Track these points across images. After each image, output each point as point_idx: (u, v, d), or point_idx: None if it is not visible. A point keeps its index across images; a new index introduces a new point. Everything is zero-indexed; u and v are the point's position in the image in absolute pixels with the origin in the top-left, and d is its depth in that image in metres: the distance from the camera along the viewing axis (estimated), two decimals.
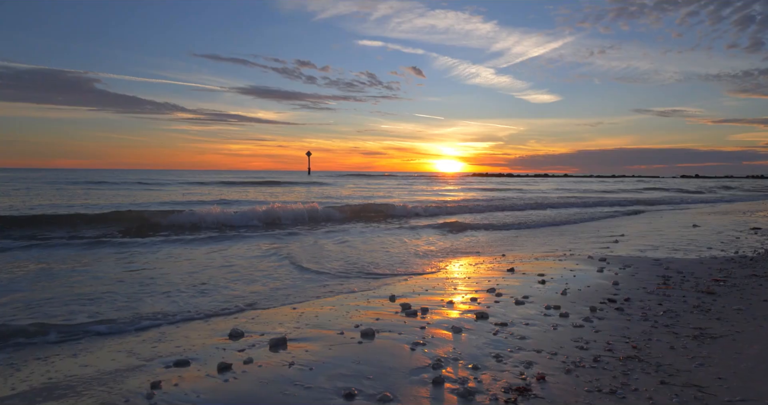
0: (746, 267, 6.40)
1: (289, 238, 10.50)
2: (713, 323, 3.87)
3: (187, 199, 20.76)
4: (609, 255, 7.70)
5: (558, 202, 22.33)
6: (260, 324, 4.35)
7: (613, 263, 6.89)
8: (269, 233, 11.30)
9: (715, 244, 8.81)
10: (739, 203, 25.50)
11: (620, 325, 3.89)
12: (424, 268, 7.19)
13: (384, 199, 24.35)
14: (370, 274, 6.84)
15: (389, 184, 49.29)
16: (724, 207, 22.44)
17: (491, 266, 7.08)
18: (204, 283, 6.16)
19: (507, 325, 3.92)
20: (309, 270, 7.07)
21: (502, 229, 12.94)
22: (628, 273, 6.11)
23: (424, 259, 8.14)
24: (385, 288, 5.76)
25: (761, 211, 18.66)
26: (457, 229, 12.57)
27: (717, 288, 5.15)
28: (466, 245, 9.90)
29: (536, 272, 6.28)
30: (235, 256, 8.33)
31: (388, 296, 5.18)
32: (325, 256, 8.41)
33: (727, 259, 7.04)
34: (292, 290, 5.84)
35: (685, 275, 5.89)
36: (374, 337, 3.71)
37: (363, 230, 12.29)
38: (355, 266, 7.40)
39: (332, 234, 11.47)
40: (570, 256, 7.69)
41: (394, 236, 11.29)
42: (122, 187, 29.51)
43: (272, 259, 7.93)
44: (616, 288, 5.24)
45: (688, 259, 7.15)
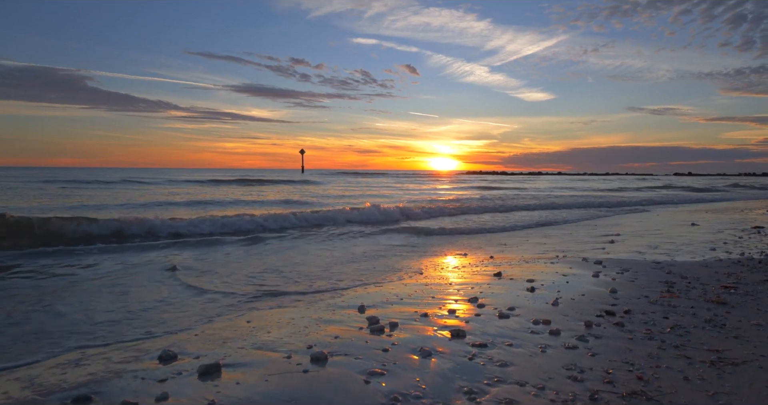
0: (756, 271, 5.81)
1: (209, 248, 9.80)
2: (731, 344, 3.25)
3: (151, 200, 18.15)
4: (605, 257, 7.08)
5: (572, 203, 20.52)
6: (202, 342, 3.69)
7: (610, 267, 6.27)
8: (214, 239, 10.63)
9: (718, 245, 8.22)
10: (735, 201, 25.04)
11: (621, 345, 3.26)
12: (403, 273, 6.54)
13: (374, 198, 23.68)
14: (339, 281, 6.20)
15: (381, 182, 48.36)
16: (721, 204, 21.95)
17: (477, 270, 6.44)
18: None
19: (486, 346, 3.28)
20: (265, 285, 6.43)
21: (492, 231, 12.33)
22: (627, 278, 5.49)
23: (404, 260, 7.49)
24: (356, 295, 5.11)
25: (759, 208, 18.16)
26: (445, 232, 11.94)
27: (728, 297, 4.54)
28: (452, 246, 9.27)
29: (525, 277, 5.65)
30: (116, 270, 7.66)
31: (358, 306, 4.53)
32: (272, 266, 7.76)
33: (733, 262, 6.44)
34: (243, 305, 5.19)
35: (690, 281, 5.28)
36: (326, 363, 3.06)
37: (342, 235, 11.64)
38: (326, 272, 6.77)
39: (289, 242, 10.81)
40: (563, 259, 7.07)
41: (370, 239, 10.66)
42: (97, 187, 27.90)
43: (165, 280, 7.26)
44: (614, 297, 4.62)
45: (691, 262, 6.54)
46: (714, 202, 24.13)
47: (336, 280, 6.04)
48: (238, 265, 7.18)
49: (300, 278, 6.20)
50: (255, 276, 6.34)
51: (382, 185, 39.08)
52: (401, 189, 32.29)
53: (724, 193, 33.04)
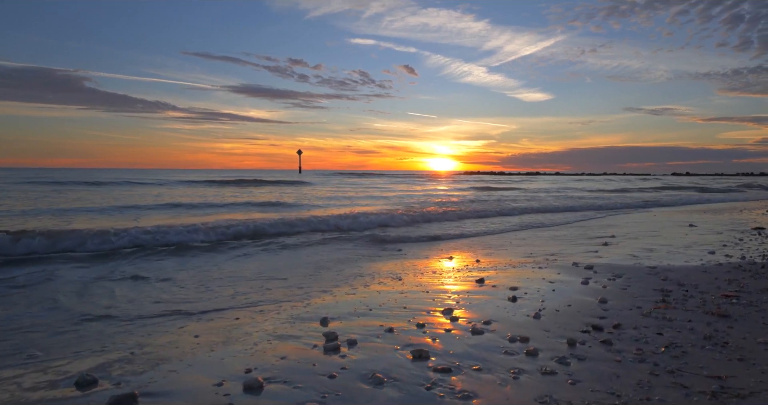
0: (759, 277, 5.35)
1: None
2: (736, 368, 2.79)
3: (124, 203, 16.14)
4: (597, 261, 6.62)
5: (573, 205, 19.08)
6: (135, 363, 3.22)
7: (601, 272, 5.81)
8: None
9: (717, 247, 7.77)
10: (735, 201, 24.59)
11: (607, 370, 2.80)
12: (382, 279, 6.07)
13: (365, 200, 23.15)
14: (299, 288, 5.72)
15: (376, 183, 47.31)
16: (720, 204, 21.51)
17: (460, 275, 5.98)
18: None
19: (451, 371, 2.81)
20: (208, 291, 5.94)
21: (483, 234, 11.87)
22: (619, 286, 5.03)
23: (385, 266, 7.02)
24: (324, 305, 4.63)
25: (758, 208, 17.72)
26: (434, 237, 11.47)
27: (730, 308, 4.08)
28: (439, 250, 8.80)
29: (509, 284, 5.19)
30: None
31: (321, 318, 4.07)
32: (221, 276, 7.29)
33: (734, 267, 5.99)
34: (192, 318, 4.72)
35: (688, 289, 4.82)
36: (259, 393, 2.59)
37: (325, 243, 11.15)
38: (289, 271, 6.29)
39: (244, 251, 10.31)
40: (552, 263, 6.60)
41: (348, 249, 10.19)
42: (79, 188, 26.63)
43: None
44: (604, 308, 4.15)
45: (688, 267, 6.08)
46: (710, 203, 23.68)
47: (302, 288, 5.57)
48: (194, 272, 6.72)
49: (257, 287, 5.73)
50: (209, 287, 5.88)
51: (376, 186, 37.83)
52: (394, 190, 30.57)
53: (740, 194, 31.45)
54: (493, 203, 19.17)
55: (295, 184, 35.97)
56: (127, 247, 8.16)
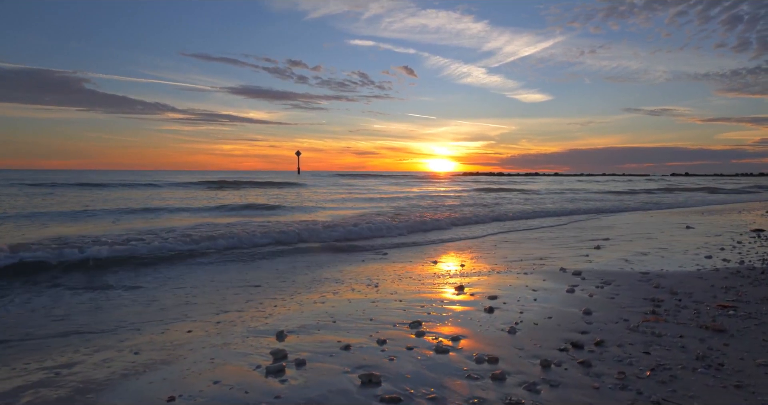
0: (759, 284, 4.96)
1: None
2: (733, 398, 2.38)
3: (88, 208, 14.75)
4: (586, 267, 6.22)
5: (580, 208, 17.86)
6: (53, 385, 2.84)
7: (590, 278, 5.42)
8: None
9: (715, 251, 7.37)
10: (734, 202, 24.15)
11: (582, 399, 2.40)
12: (356, 286, 5.67)
13: (357, 203, 22.69)
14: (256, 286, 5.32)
15: (372, 184, 46.41)
16: (718, 205, 21.11)
17: (440, 281, 5.59)
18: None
19: (400, 400, 2.41)
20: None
21: (472, 237, 11.47)
22: (607, 294, 4.63)
23: (360, 267, 6.62)
24: (287, 315, 4.24)
25: (757, 209, 17.32)
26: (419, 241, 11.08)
27: (726, 320, 3.69)
28: (422, 254, 8.41)
29: (489, 292, 4.80)
30: None
31: (276, 332, 3.69)
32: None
33: (732, 273, 5.59)
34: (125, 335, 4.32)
35: (681, 298, 4.43)
36: None
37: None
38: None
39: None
40: (539, 268, 6.21)
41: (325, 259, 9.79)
42: (74, 190, 25.82)
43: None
44: (587, 320, 3.76)
45: (683, 273, 5.69)
46: (710, 204, 23.27)
47: (268, 297, 5.18)
48: (153, 280, 6.32)
49: (217, 297, 5.35)
50: (164, 297, 5.50)
51: (370, 188, 36.66)
52: (389, 192, 29.76)
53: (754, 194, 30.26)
54: (488, 207, 18.78)
55: (289, 186, 35.37)
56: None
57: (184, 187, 30.40)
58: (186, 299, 5.12)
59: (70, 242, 7.65)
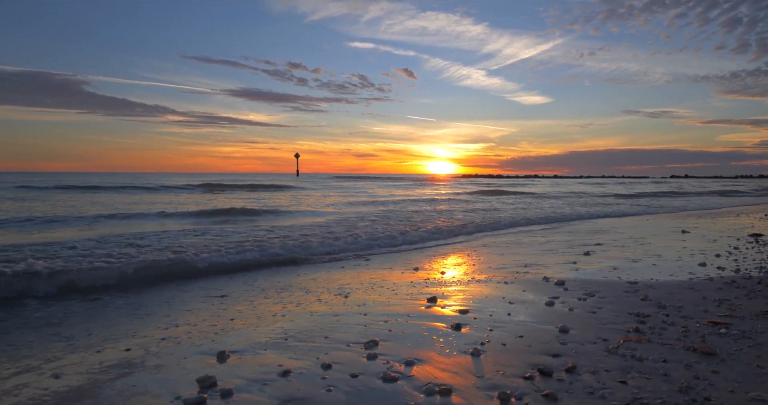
0: (755, 296, 4.56)
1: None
2: None
3: (58, 213, 13.50)
4: (571, 276, 5.82)
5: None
6: None
7: (573, 289, 5.02)
8: None
9: (710, 258, 6.96)
10: (732, 206, 23.68)
11: None
12: (324, 295, 5.27)
13: (346, 207, 22.16)
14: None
15: (368, 186, 45.30)
16: (716, 209, 20.69)
17: (414, 292, 5.19)
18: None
19: None
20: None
21: (463, 239, 11.06)
22: (588, 308, 4.23)
23: (337, 274, 6.23)
24: (239, 331, 3.85)
25: (756, 213, 16.91)
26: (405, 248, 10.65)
27: (717, 340, 3.30)
28: (404, 260, 8.01)
29: (461, 305, 4.41)
30: None
31: (218, 352, 3.30)
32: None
33: (726, 283, 5.19)
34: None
35: (669, 312, 4.03)
36: None
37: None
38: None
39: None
40: (522, 277, 5.82)
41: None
42: (60, 192, 25.22)
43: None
44: (562, 340, 3.36)
45: (674, 283, 5.29)
46: (710, 207, 22.83)
47: (226, 311, 4.79)
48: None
49: (162, 314, 4.96)
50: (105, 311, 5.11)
51: (364, 191, 34.83)
52: (381, 195, 27.90)
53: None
54: (483, 212, 18.38)
55: (282, 190, 34.64)
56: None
57: (177, 190, 29.92)
58: (140, 311, 4.74)
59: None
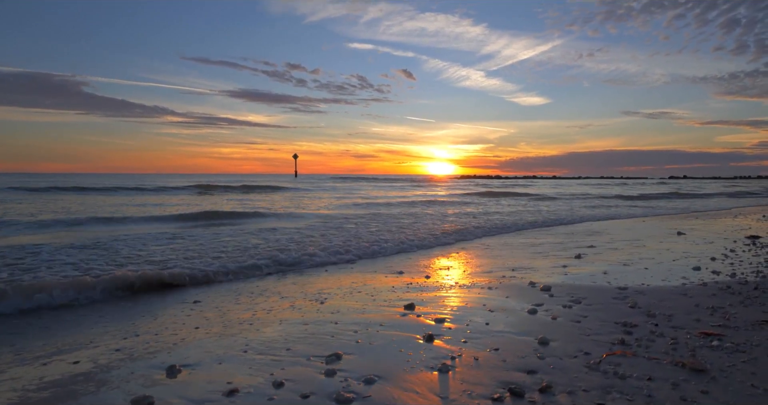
0: (750, 303, 4.29)
1: None
2: None
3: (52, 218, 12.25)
4: (560, 280, 5.55)
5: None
6: None
7: (559, 295, 4.75)
8: None
9: (705, 261, 6.70)
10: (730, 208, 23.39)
11: None
12: (298, 302, 5.00)
13: (336, 210, 21.79)
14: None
15: (363, 187, 44.09)
16: (712, 210, 20.43)
17: (393, 297, 4.92)
18: None
19: None
20: None
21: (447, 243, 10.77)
22: (572, 317, 3.96)
23: (316, 278, 5.95)
24: (198, 342, 3.58)
25: (755, 214, 16.65)
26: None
27: (708, 354, 3.03)
28: (390, 262, 7.73)
29: (439, 313, 4.14)
30: None
31: (168, 367, 3.04)
32: None
33: (721, 288, 4.92)
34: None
35: (659, 322, 3.76)
36: None
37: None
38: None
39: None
40: (507, 282, 5.55)
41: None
42: (48, 193, 24.43)
43: None
44: (540, 353, 3.09)
45: (665, 289, 5.02)
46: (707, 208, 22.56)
47: (187, 317, 4.52)
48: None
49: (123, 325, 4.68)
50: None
51: (356, 193, 33.11)
52: (374, 197, 26.71)
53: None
54: (477, 215, 18.09)
55: (275, 191, 33.75)
56: None
57: (168, 192, 29.26)
58: (105, 318, 4.48)
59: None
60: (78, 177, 70.79)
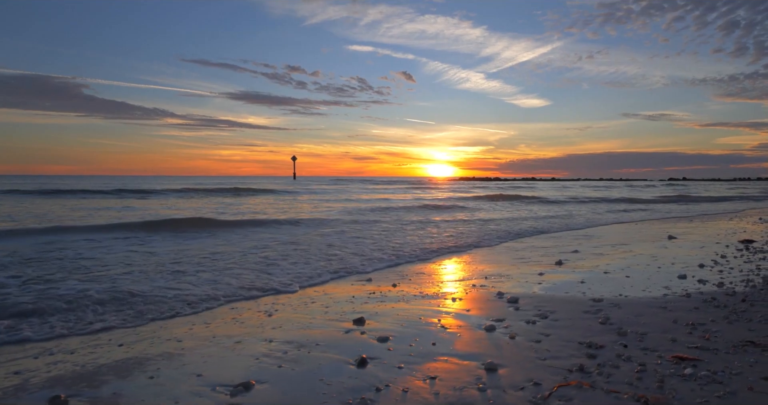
0: (735, 318, 3.82)
1: None
2: None
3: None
4: (531, 290, 5.09)
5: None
6: None
7: (526, 309, 4.28)
8: None
9: (692, 268, 6.23)
10: (725, 204, 22.81)
11: None
12: (245, 314, 4.54)
13: (326, 213, 21.09)
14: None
15: (358, 190, 42.88)
16: (710, 212, 19.92)
17: (347, 309, 4.46)
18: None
19: None
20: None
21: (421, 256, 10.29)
22: (534, 335, 3.50)
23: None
24: (114, 360, 3.12)
25: (751, 216, 16.16)
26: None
27: (678, 385, 2.56)
28: (356, 274, 7.27)
29: (385, 330, 3.68)
30: None
31: (51, 398, 2.59)
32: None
33: (705, 300, 4.44)
34: None
35: (629, 342, 3.30)
36: None
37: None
38: None
39: None
40: (475, 291, 5.08)
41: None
42: (26, 197, 23.30)
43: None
44: (483, 384, 2.63)
45: (645, 300, 4.55)
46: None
47: (120, 331, 4.06)
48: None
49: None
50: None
51: (346, 196, 31.38)
52: (365, 200, 25.22)
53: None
54: (470, 222, 17.55)
55: (262, 194, 32.24)
56: None
57: (155, 194, 27.48)
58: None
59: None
60: (75, 179, 70.27)
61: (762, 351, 3.01)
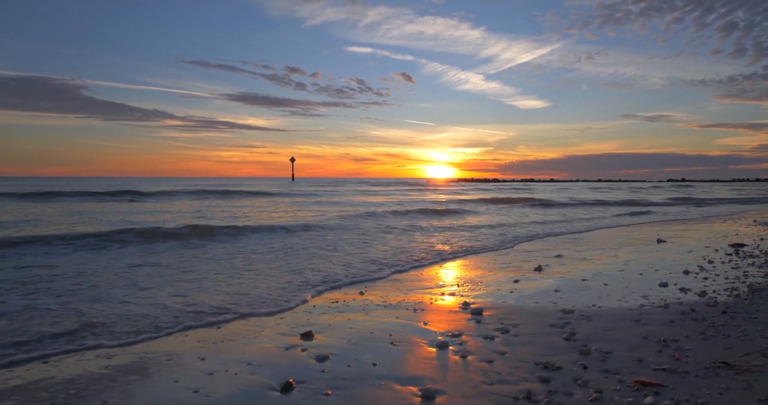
0: (713, 334, 3.49)
1: None
2: None
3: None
4: (499, 300, 4.75)
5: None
6: None
7: (488, 321, 3.95)
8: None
9: (676, 275, 5.89)
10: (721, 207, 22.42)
11: None
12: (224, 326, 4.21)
13: (315, 217, 20.67)
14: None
15: (354, 191, 42.11)
16: (706, 215, 19.57)
17: (300, 322, 4.14)
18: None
19: None
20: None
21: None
22: (488, 354, 3.17)
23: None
24: (64, 380, 2.80)
25: (747, 218, 15.82)
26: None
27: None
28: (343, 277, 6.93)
29: (328, 346, 3.36)
30: None
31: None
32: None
33: (684, 312, 4.11)
34: None
35: (590, 362, 2.97)
36: None
37: None
38: None
39: None
40: (440, 301, 4.75)
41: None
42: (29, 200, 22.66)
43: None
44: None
45: (618, 311, 4.22)
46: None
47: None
48: None
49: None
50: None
51: (340, 199, 31.07)
52: (358, 203, 24.18)
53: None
54: (462, 228, 17.17)
55: (253, 196, 31.26)
56: None
57: (142, 197, 26.56)
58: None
59: None
60: (73, 181, 70.00)
61: (735, 374, 2.67)
